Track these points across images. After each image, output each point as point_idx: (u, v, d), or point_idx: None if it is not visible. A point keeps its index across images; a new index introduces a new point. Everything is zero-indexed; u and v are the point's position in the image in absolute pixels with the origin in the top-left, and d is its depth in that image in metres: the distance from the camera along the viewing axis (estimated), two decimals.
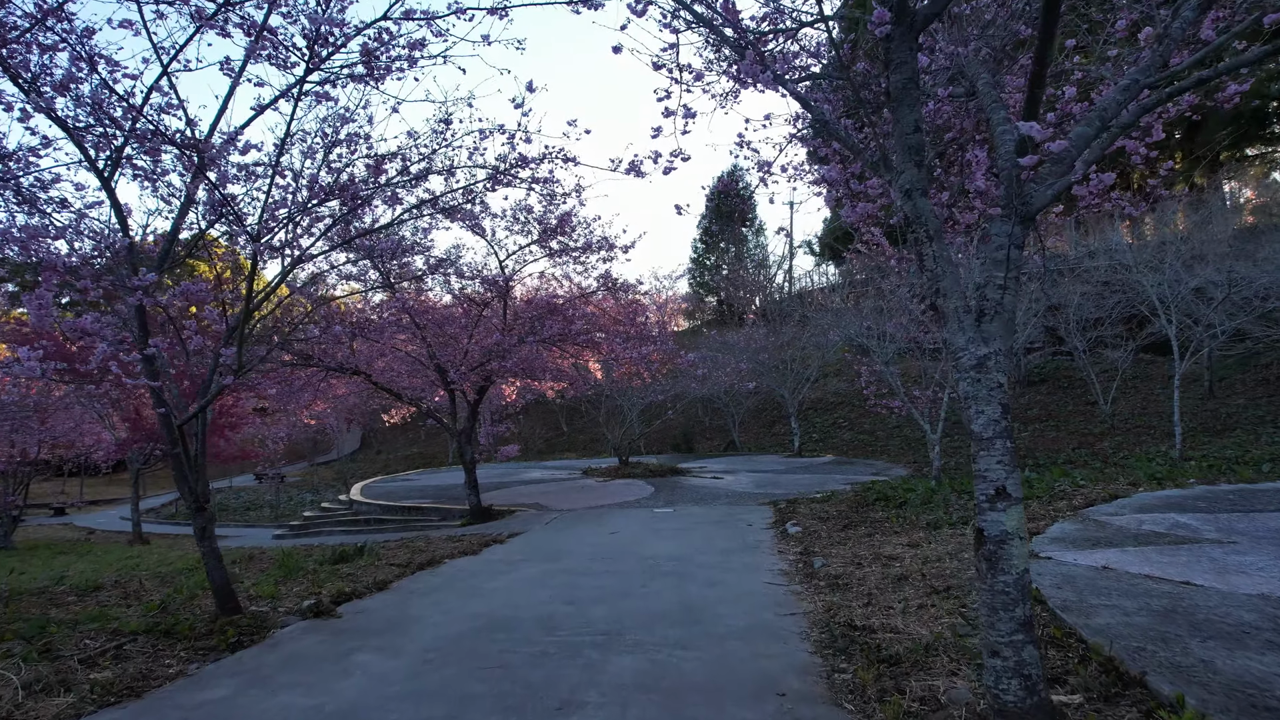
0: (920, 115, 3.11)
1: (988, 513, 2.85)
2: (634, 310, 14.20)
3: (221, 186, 4.43)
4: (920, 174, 3.07)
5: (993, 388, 2.83)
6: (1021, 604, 2.78)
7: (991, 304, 2.89)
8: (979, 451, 2.91)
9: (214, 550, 5.77)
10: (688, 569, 7.44)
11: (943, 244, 3.01)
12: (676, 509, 13.23)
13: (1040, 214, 2.96)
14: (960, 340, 2.90)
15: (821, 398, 30.58)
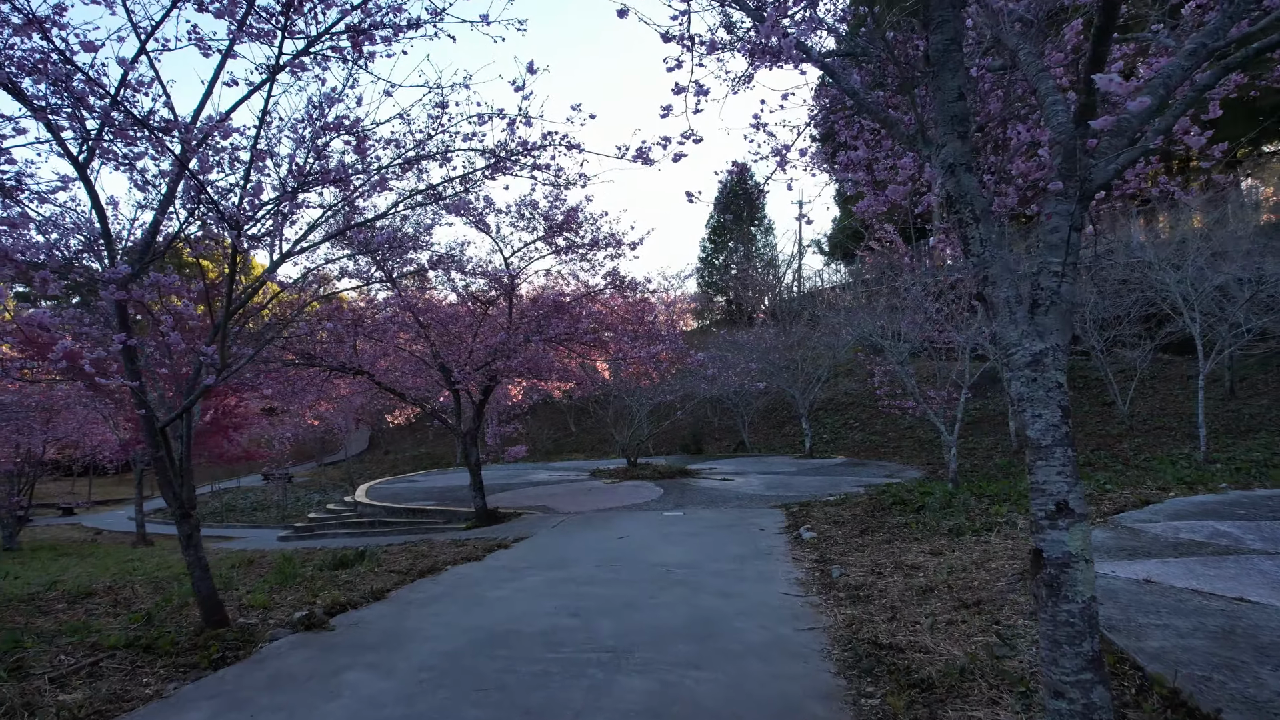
0: (964, 81, 2.79)
1: (1047, 531, 2.51)
2: (642, 309, 13.87)
3: (203, 173, 4.13)
4: (965, 147, 2.74)
5: (1050, 388, 2.49)
6: (1089, 637, 2.43)
7: (1047, 293, 2.56)
8: (1035, 461, 2.56)
9: (200, 559, 5.47)
10: (699, 577, 7.11)
11: (990, 226, 2.68)
12: (686, 512, 12.90)
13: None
14: (1012, 334, 2.57)
15: (832, 398, 30.19)
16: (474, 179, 5.52)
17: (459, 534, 12.42)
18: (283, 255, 5.29)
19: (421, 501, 16.76)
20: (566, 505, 14.86)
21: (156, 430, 5.09)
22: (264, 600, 6.56)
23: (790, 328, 27.88)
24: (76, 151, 4.79)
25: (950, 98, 2.76)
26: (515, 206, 11.89)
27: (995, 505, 8.87)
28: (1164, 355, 22.93)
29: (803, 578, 6.84)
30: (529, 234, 12.43)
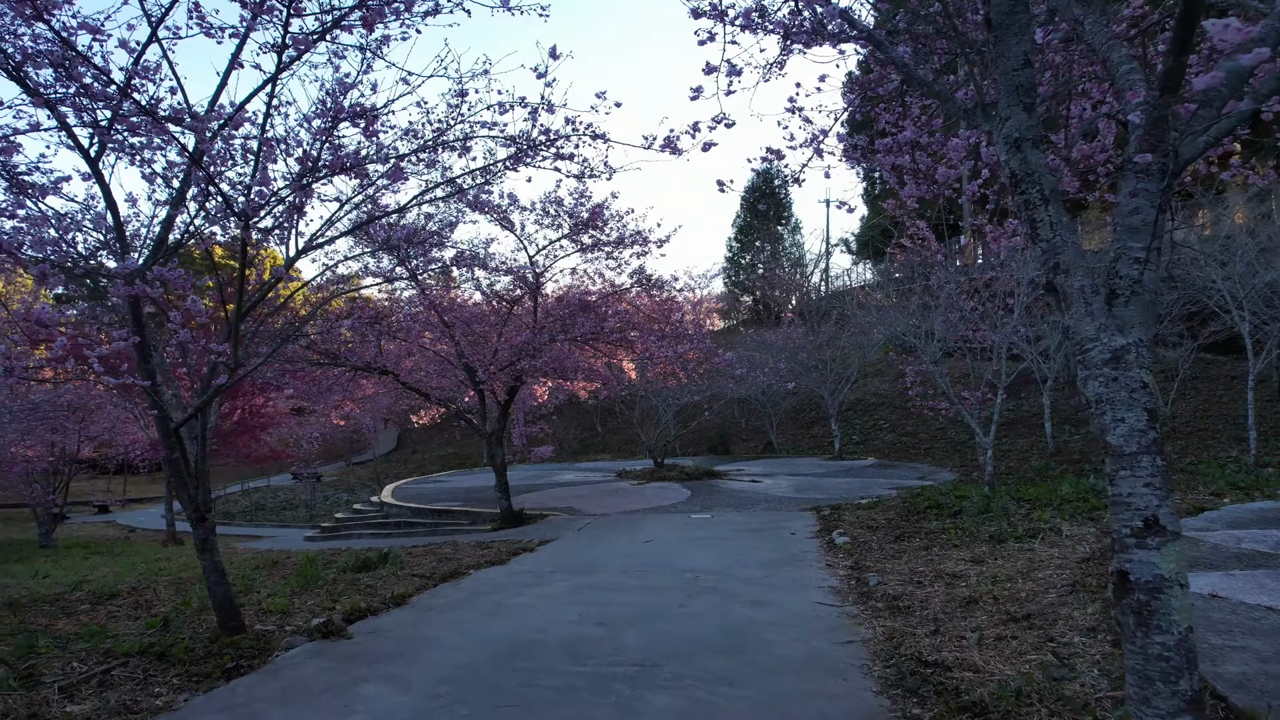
0: (1030, 46, 2.52)
1: (1134, 550, 2.23)
2: (669, 308, 13.63)
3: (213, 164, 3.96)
4: (1031, 119, 2.47)
5: (1134, 389, 2.22)
6: (1186, 674, 2.15)
7: (1127, 282, 2.28)
8: (1118, 470, 2.29)
9: (216, 564, 5.31)
10: (729, 585, 6.86)
11: (1060, 207, 2.41)
12: (714, 515, 12.64)
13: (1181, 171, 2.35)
14: (1088, 328, 2.30)
15: (861, 398, 29.75)
16: (495, 170, 5.33)
17: (484, 536, 12.26)
18: (299, 251, 5.11)
19: (447, 502, 16.64)
20: (592, 507, 14.65)
21: (170, 431, 4.94)
22: (284, 605, 6.40)
23: (819, 327, 27.51)
24: (88, 144, 4.65)
25: (1015, 64, 2.49)
26: (540, 204, 11.72)
27: (1037, 510, 8.53)
28: (1205, 355, 22.26)
29: (838, 586, 6.56)
30: (554, 232, 12.26)
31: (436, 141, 4.85)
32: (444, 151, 5.06)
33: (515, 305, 13.27)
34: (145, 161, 4.37)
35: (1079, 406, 23.15)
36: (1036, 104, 2.49)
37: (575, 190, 11.50)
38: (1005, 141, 2.49)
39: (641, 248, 12.37)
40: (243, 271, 4.21)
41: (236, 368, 4.55)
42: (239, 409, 21.37)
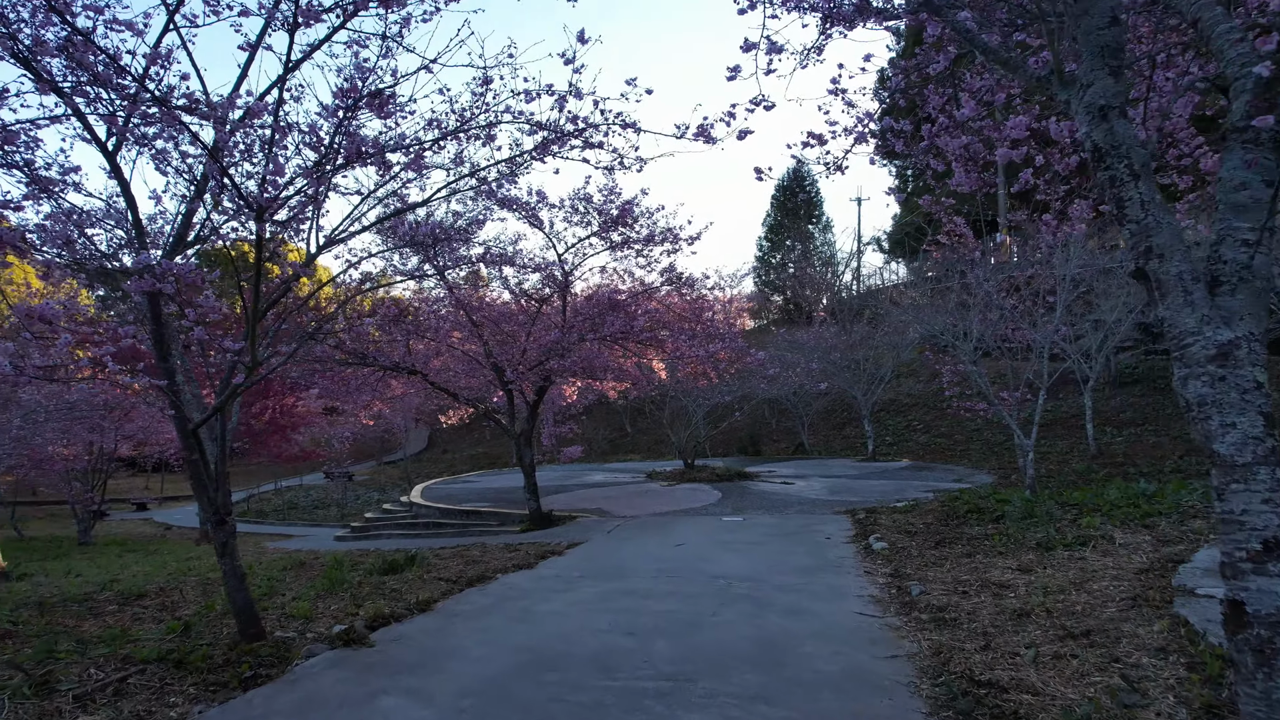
0: (1116, 3, 2.25)
1: (1251, 577, 1.94)
2: (700, 307, 13.38)
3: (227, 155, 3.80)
4: (1118, 85, 2.20)
5: (1246, 389, 1.94)
6: None
7: (1232, 268, 2.01)
8: (1228, 484, 2.01)
9: (236, 569, 5.16)
10: (764, 592, 6.60)
11: (1153, 184, 2.14)
12: (746, 518, 12.37)
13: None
14: (1188, 321, 2.03)
15: (895, 399, 29.27)
16: (521, 162, 5.11)
17: (513, 538, 12.10)
18: (319, 247, 4.94)
19: (476, 503, 16.53)
20: (622, 509, 14.44)
21: (189, 432, 4.79)
22: (306, 610, 6.25)
23: (851, 326, 27.08)
24: (105, 137, 4.52)
25: (1100, 23, 2.22)
26: (568, 201, 11.52)
27: (1085, 516, 8.15)
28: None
29: (878, 595, 6.28)
30: (583, 229, 12.06)
31: (459, 129, 4.64)
32: (468, 142, 4.87)
33: (544, 304, 13.09)
34: (160, 153, 4.22)
35: (1120, 408, 22.53)
36: (1122, 68, 2.22)
37: (604, 187, 11.31)
38: (1087, 111, 2.22)
39: (672, 245, 12.14)
40: (259, 267, 4.04)
41: (254, 367, 4.38)
42: (270, 409, 21.48)
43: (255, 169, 4.04)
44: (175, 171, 4.42)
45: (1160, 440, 18.74)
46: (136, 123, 4.24)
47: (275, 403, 21.07)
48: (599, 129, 4.81)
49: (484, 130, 4.76)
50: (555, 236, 12.08)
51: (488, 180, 5.12)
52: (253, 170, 4.04)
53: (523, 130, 4.94)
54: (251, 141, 4.13)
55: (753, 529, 10.96)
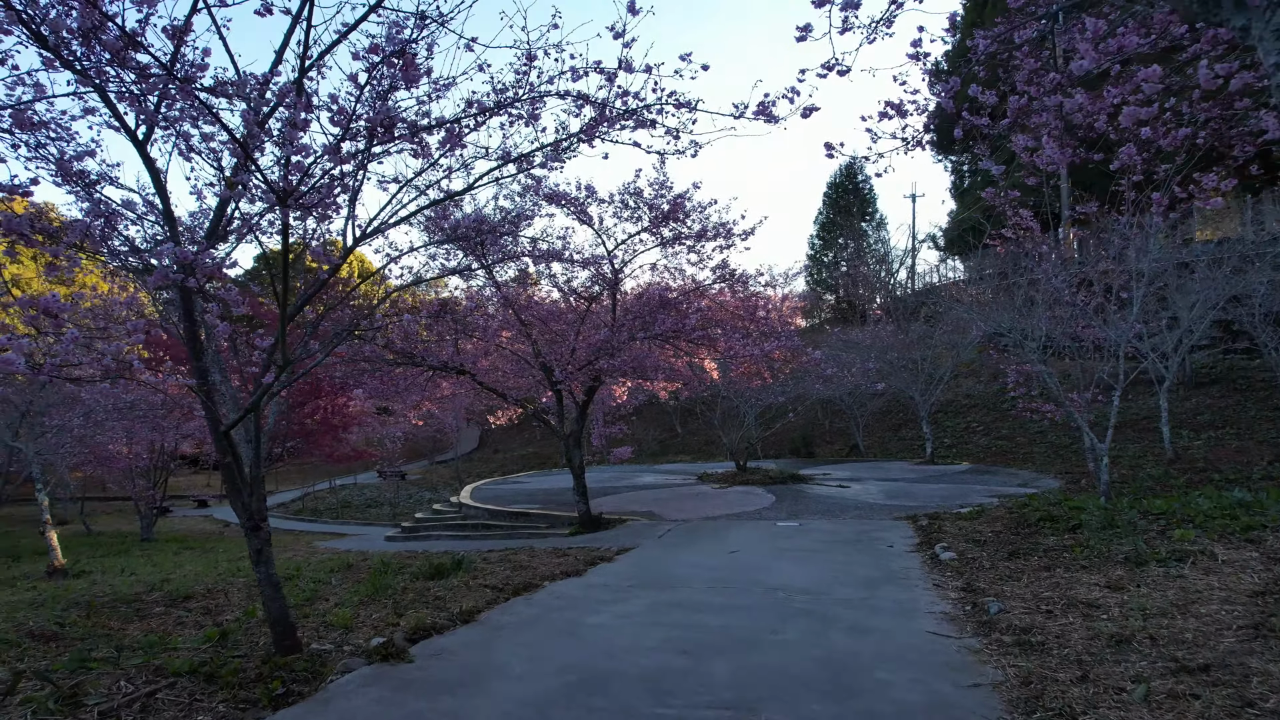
0: None
1: None
2: (754, 304, 12.95)
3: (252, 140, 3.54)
4: None
5: None
6: None
7: None
8: None
9: (271, 577, 4.94)
10: (826, 606, 6.19)
11: None
12: (802, 523, 11.91)
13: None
14: None
15: (953, 399, 28.36)
16: (567, 145, 4.78)
17: (561, 541, 11.84)
18: (355, 239, 4.69)
19: (525, 505, 16.34)
20: (673, 512, 14.10)
21: (221, 434, 4.57)
22: (347, 619, 6.02)
23: (908, 325, 26.33)
24: (134, 125, 4.31)
25: None
26: (618, 195, 11.21)
27: (1176, 528, 7.55)
28: None
29: (951, 612, 5.81)
30: (633, 225, 11.73)
31: (500, 105, 4.33)
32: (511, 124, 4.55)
33: (593, 303, 12.81)
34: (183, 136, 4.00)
35: (1196, 409, 21.44)
36: None
37: (655, 181, 10.98)
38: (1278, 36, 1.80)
39: (725, 241, 11.75)
40: (285, 259, 3.78)
41: (286, 366, 4.14)
42: (322, 409, 21.61)
43: (280, 153, 3.78)
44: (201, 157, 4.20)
45: (1244, 444, 17.72)
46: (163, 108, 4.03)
47: (327, 402, 21.19)
48: (651, 109, 4.46)
49: (527, 107, 4.44)
50: (604, 233, 11.78)
51: (532, 164, 4.80)
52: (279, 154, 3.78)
53: (569, 111, 4.62)
54: (275, 121, 3.86)
55: (810, 535, 10.52)
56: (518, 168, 4.82)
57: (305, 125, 3.27)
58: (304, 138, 3.30)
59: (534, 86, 4.38)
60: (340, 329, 5.56)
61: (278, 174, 3.68)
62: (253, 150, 3.29)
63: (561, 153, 4.68)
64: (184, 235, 5.07)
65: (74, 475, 31.01)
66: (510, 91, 4.36)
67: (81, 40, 3.25)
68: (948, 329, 24.06)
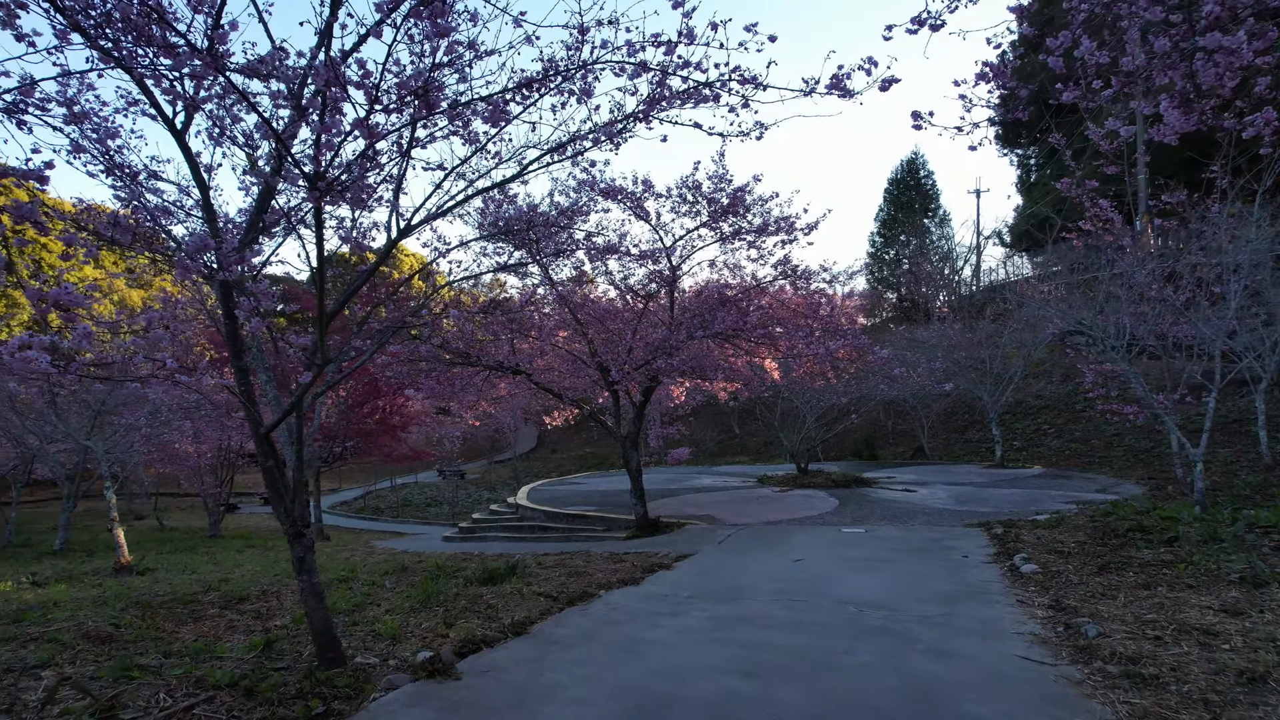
0: None
1: None
2: (817, 301, 12.46)
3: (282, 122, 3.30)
4: None
5: None
6: None
7: None
8: None
9: (314, 586, 4.71)
10: (902, 624, 5.74)
11: None
12: (868, 529, 11.40)
13: None
14: None
15: (1021, 400, 27.26)
16: (622, 126, 4.45)
17: (618, 545, 11.54)
18: (400, 231, 4.43)
19: (581, 507, 16.09)
20: (732, 516, 13.68)
21: (262, 436, 4.36)
22: (394, 628, 5.78)
23: (976, 323, 25.40)
24: (172, 114, 4.11)
25: None
26: (675, 190, 10.85)
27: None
28: None
29: (1041, 634, 5.32)
30: (691, 220, 11.36)
31: (548, 74, 4.00)
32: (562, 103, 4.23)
33: (650, 301, 12.47)
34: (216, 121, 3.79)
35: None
36: None
37: (714, 174, 10.58)
38: None
39: (787, 235, 11.29)
40: (320, 251, 3.53)
41: (325, 365, 3.89)
42: (381, 408, 21.73)
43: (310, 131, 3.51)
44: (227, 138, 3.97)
45: None
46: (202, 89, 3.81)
47: (386, 402, 21.29)
48: (713, 85, 4.09)
49: (580, 81, 4.10)
50: (662, 228, 11.43)
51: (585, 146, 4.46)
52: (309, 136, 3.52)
53: (625, 90, 4.28)
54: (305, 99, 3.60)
55: (877, 543, 10.03)
56: (571, 150, 4.50)
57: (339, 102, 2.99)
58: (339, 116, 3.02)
59: (586, 62, 4.05)
60: (388, 325, 5.32)
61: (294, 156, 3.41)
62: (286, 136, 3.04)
63: (616, 134, 4.34)
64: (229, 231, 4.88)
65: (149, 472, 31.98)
66: (561, 64, 4.03)
67: (102, 14, 3.04)
68: (1018, 327, 23.12)
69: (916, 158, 50.99)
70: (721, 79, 4.06)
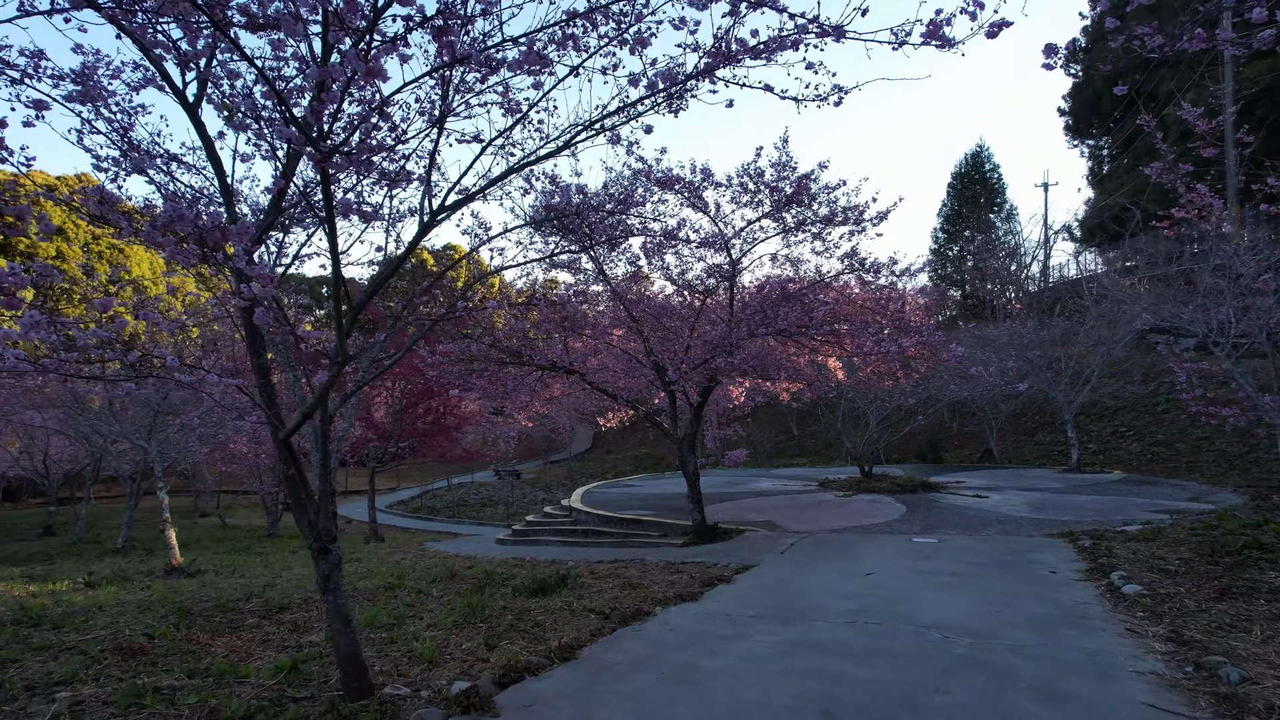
0: None
1: None
2: (887, 296, 11.71)
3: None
4: None
5: None
6: None
7: None
8: None
9: (341, 609, 4.26)
10: (996, 655, 5.08)
11: None
12: (941, 539, 10.65)
13: None
14: None
15: (1096, 401, 25.90)
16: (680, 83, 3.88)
17: (675, 553, 11.00)
18: (432, 214, 3.95)
19: (637, 511, 15.58)
20: (794, 522, 13.02)
21: (281, 441, 3.93)
22: (432, 651, 5.32)
23: (1049, 320, 24.19)
24: (182, 85, 3.71)
25: None
26: (736, 178, 10.25)
27: None
28: None
29: (1165, 673, 4.60)
30: (753, 211, 10.73)
31: (592, 8, 3.44)
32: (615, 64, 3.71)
33: (709, 297, 11.88)
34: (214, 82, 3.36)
35: None
36: None
37: (777, 161, 9.95)
38: None
39: (855, 226, 10.60)
40: (331, 230, 3.06)
41: (345, 362, 3.45)
42: (435, 409, 21.55)
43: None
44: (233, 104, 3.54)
45: None
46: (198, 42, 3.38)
47: (440, 403, 21.10)
48: (787, 39, 3.51)
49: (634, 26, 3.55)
50: (721, 220, 10.83)
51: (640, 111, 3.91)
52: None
53: (684, 46, 3.71)
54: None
55: (953, 555, 9.30)
56: (624, 117, 3.96)
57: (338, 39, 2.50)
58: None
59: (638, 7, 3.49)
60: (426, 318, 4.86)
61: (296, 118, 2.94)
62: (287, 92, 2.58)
63: (676, 93, 3.80)
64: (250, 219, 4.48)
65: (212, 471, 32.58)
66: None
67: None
68: (1095, 324, 21.91)
69: (981, 151, 49.40)
70: (798, 31, 3.48)
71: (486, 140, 3.94)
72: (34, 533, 26.42)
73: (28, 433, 23.84)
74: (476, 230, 5.02)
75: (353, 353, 3.85)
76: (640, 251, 11.16)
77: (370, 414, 21.12)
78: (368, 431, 20.83)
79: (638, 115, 3.95)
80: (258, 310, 3.11)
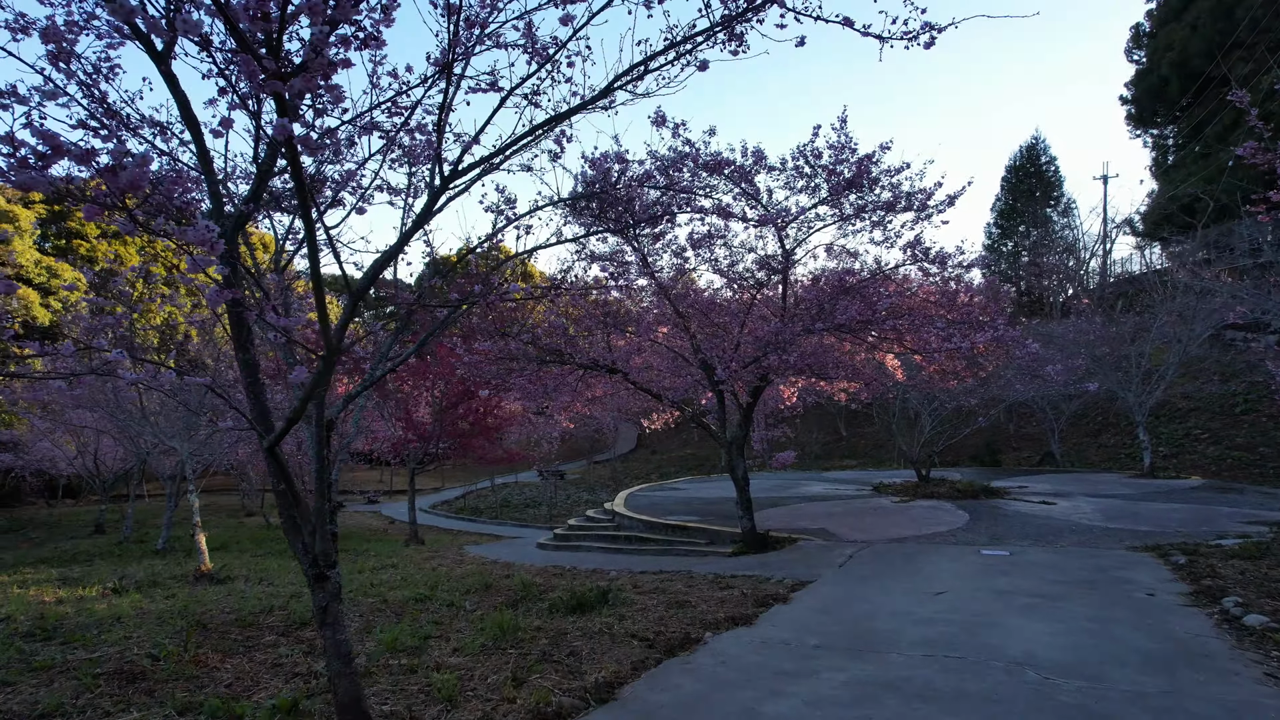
0: None
1: None
2: (954, 290, 10.83)
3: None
4: None
5: None
6: None
7: None
8: None
9: (340, 645, 3.64)
10: (1113, 706, 4.28)
11: None
12: (1011, 551, 9.79)
13: None
14: None
15: (1166, 401, 24.43)
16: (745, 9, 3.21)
17: (723, 563, 10.30)
18: (444, 179, 3.32)
19: (682, 516, 14.88)
20: (850, 530, 12.22)
21: (267, 449, 3.33)
22: (453, 687, 4.67)
23: (1117, 316, 22.90)
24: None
25: None
26: (791, 162, 9.48)
27: None
28: None
29: None
30: (808, 198, 9.94)
31: None
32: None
33: (760, 290, 11.12)
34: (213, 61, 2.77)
35: None
36: None
37: (835, 143, 9.16)
38: None
39: (919, 213, 9.77)
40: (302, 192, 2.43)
41: (332, 356, 2.83)
42: (476, 410, 21.09)
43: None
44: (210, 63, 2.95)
45: None
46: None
47: (480, 403, 20.63)
48: None
49: None
50: (774, 208, 10.05)
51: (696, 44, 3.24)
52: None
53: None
54: None
55: (1029, 571, 8.45)
56: (675, 54, 3.27)
57: None
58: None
59: None
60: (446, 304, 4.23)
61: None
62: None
63: (738, 17, 3.10)
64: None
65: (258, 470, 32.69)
66: None
67: None
68: (1168, 319, 20.61)
69: (1037, 143, 47.55)
70: None
71: (507, 89, 3.28)
72: (86, 530, 26.63)
73: (79, 432, 24.07)
74: (501, 205, 4.38)
75: (351, 344, 3.25)
76: (687, 243, 10.46)
77: (409, 414, 20.71)
78: (408, 432, 20.42)
79: (693, 49, 3.26)
80: (226, 292, 2.49)
